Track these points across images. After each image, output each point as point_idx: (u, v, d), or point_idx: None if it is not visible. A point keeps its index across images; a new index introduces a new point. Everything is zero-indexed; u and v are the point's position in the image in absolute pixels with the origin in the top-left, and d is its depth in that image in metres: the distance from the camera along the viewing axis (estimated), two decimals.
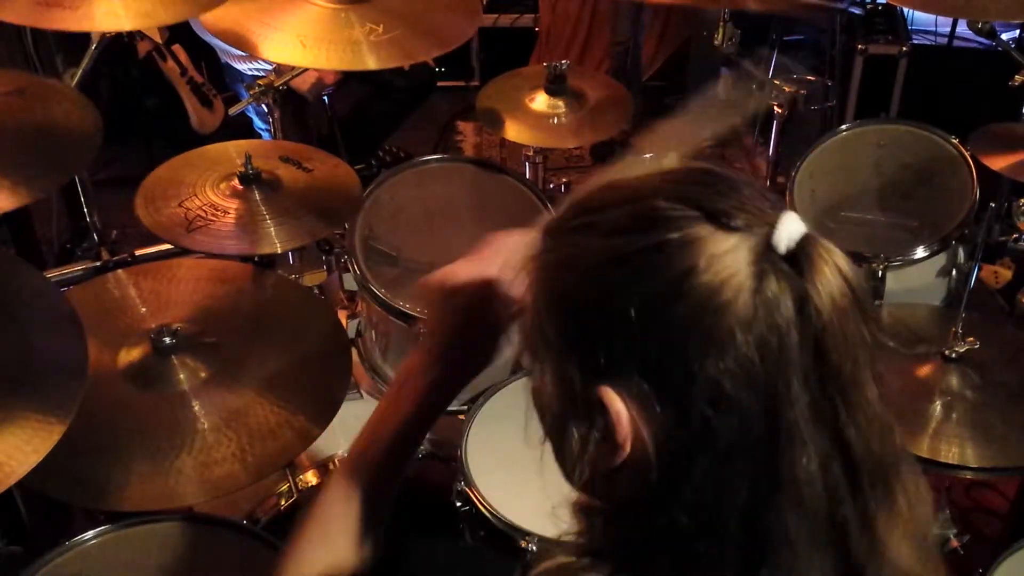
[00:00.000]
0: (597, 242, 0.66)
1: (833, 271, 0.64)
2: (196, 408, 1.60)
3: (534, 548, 1.66)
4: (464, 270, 0.91)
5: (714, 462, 0.64)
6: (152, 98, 3.45)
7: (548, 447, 0.75)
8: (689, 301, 0.62)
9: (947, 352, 1.76)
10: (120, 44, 3.25)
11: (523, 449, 0.76)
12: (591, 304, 0.66)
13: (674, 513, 0.65)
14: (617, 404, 0.66)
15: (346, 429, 2.11)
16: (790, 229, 0.64)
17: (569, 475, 0.74)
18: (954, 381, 1.75)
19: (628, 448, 0.66)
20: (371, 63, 1.99)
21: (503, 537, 1.75)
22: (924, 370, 1.78)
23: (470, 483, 1.79)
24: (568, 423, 0.70)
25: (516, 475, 1.71)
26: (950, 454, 1.66)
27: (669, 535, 0.66)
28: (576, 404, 0.69)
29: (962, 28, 3.61)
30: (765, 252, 0.63)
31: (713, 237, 0.63)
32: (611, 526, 0.72)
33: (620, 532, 0.71)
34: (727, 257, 0.62)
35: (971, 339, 1.75)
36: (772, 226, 0.64)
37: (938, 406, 1.73)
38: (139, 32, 3.33)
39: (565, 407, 0.70)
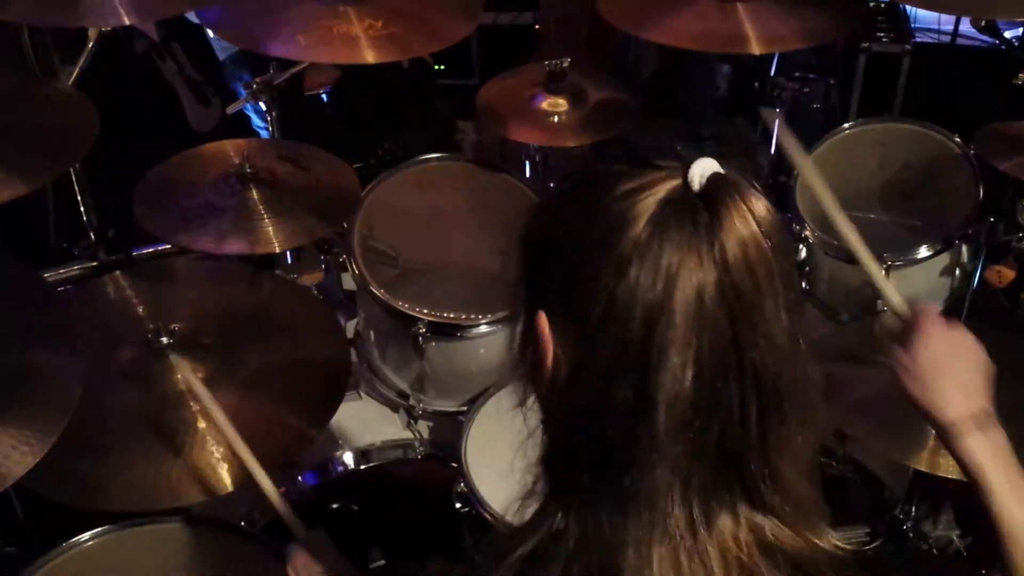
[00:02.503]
0: (553, 190, 0.79)
1: (740, 205, 0.69)
2: (194, 408, 1.59)
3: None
4: None
5: (601, 373, 0.70)
6: (150, 97, 3.45)
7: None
8: (603, 224, 0.70)
9: None
10: (117, 43, 3.24)
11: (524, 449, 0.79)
12: (538, 236, 0.77)
13: (578, 432, 0.72)
14: (544, 324, 0.74)
15: (344, 429, 2.11)
16: (703, 167, 0.70)
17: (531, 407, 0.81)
18: None
19: (550, 364, 0.74)
20: (369, 58, 1.99)
21: None
22: None
23: (470, 484, 1.78)
24: (524, 350, 0.78)
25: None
26: (949, 468, 1.64)
27: (576, 455, 0.73)
28: (527, 333, 0.78)
29: (965, 26, 3.60)
30: (681, 188, 0.70)
31: (633, 172, 0.72)
32: (551, 463, 0.77)
33: (555, 465, 0.77)
34: (644, 189, 0.70)
35: None
36: (689, 166, 0.71)
37: None
38: (137, 30, 3.32)
39: (523, 336, 0.79)
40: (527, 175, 2.43)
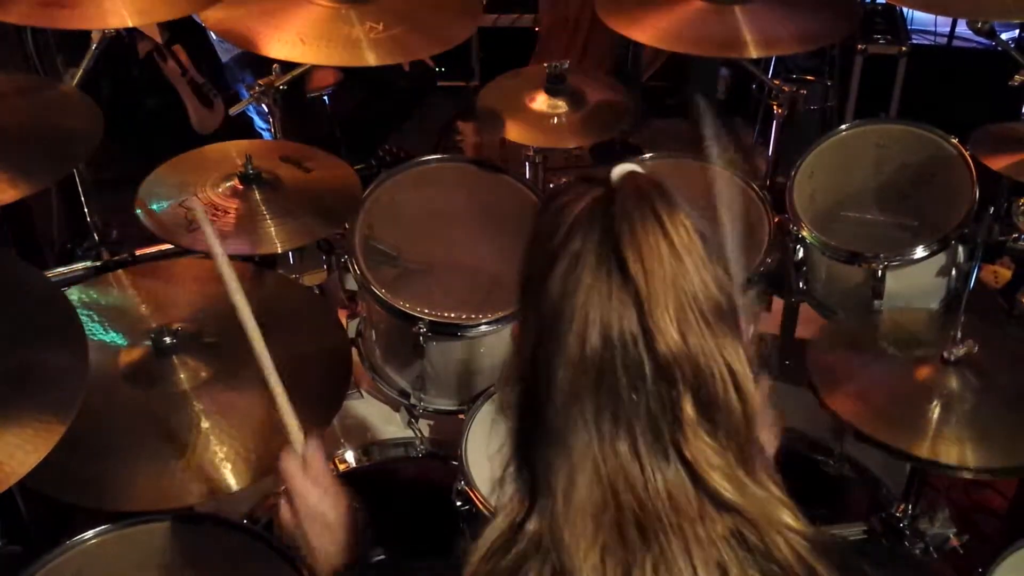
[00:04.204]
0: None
1: (640, 191, 0.79)
2: (197, 408, 1.60)
3: None
4: None
5: (533, 340, 0.82)
6: (153, 98, 3.46)
7: None
8: (548, 225, 0.82)
9: (946, 355, 1.75)
10: (120, 44, 3.25)
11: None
12: (524, 249, 0.87)
13: (539, 394, 0.82)
14: (515, 328, 0.88)
15: (347, 428, 2.12)
16: (621, 168, 0.82)
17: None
18: (953, 384, 1.74)
19: (516, 353, 0.85)
20: (371, 60, 2.00)
21: None
22: (923, 373, 1.78)
23: (470, 483, 1.79)
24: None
25: None
26: (950, 456, 1.65)
27: (522, 418, 0.85)
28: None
29: (961, 28, 3.61)
30: (607, 188, 0.81)
31: (578, 186, 0.83)
32: (517, 454, 0.88)
33: (520, 455, 0.87)
34: (582, 195, 0.82)
35: (970, 342, 1.74)
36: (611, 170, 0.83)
37: (937, 409, 1.72)
38: (139, 32, 3.33)
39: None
40: (527, 176, 2.44)
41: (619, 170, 0.81)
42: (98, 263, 2.28)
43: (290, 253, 2.22)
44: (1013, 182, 2.14)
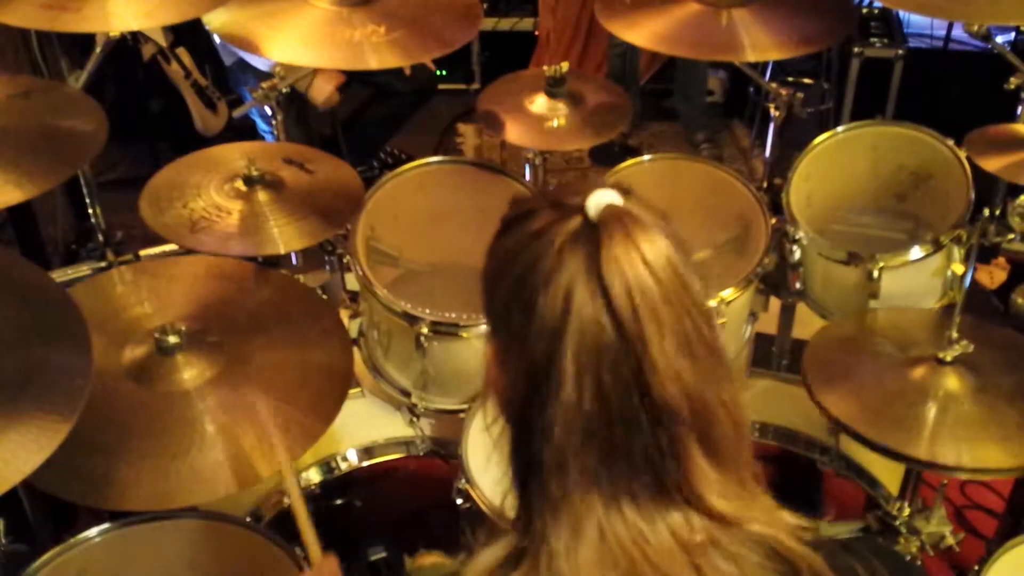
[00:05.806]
0: (499, 234, 0.83)
1: (625, 236, 0.74)
2: (200, 407, 1.61)
3: None
4: None
5: (521, 394, 0.77)
6: (156, 101, 3.48)
7: None
8: (523, 259, 0.76)
9: (941, 355, 1.76)
10: (125, 47, 3.27)
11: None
12: (485, 276, 0.82)
13: (517, 448, 0.80)
14: (490, 352, 0.81)
15: (348, 428, 2.14)
16: (597, 199, 0.76)
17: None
18: (949, 384, 1.75)
19: (498, 391, 0.81)
20: (372, 63, 2.02)
21: None
22: (919, 373, 1.78)
23: (471, 481, 1.81)
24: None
25: None
26: (946, 457, 1.66)
27: (521, 471, 0.80)
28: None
29: (957, 31, 3.63)
30: (584, 220, 0.76)
31: (550, 212, 0.78)
32: (514, 478, 0.83)
33: (513, 479, 0.82)
34: (557, 224, 0.76)
35: (965, 342, 1.75)
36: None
37: (933, 409, 1.72)
38: (144, 35, 3.35)
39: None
40: (527, 177, 2.45)
41: (598, 200, 0.76)
42: (102, 264, 2.30)
43: (292, 254, 2.24)
44: (1008, 183, 2.16)
